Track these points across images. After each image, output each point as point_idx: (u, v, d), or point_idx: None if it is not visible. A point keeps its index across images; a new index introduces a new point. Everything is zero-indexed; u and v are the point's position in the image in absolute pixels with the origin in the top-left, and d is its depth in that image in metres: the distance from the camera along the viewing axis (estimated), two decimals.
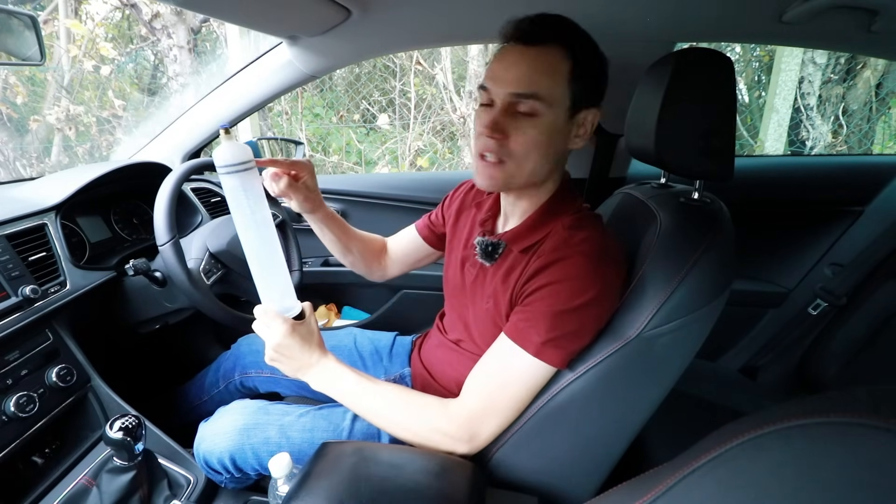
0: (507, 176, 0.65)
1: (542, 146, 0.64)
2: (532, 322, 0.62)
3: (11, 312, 0.79)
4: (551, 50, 0.61)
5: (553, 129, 0.63)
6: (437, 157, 3.28)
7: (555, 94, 0.62)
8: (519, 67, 0.62)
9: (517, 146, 0.63)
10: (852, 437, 0.26)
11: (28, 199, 0.97)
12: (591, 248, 0.63)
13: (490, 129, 0.63)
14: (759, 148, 3.10)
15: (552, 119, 0.63)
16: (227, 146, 0.58)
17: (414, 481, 0.60)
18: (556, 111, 0.63)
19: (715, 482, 0.31)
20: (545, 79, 0.61)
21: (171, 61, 2.97)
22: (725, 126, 0.67)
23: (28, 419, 0.76)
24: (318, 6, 0.88)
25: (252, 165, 0.60)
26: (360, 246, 0.97)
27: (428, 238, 0.97)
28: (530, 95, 0.61)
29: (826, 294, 1.36)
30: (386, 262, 1.02)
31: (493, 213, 0.79)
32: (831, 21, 0.96)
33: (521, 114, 0.62)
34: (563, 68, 0.61)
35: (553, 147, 0.65)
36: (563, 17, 0.63)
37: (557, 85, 0.62)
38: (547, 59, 0.61)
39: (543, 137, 0.63)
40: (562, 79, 0.61)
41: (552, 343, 0.61)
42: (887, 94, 3.09)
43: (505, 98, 0.62)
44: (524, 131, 0.62)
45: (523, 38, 0.62)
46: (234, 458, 0.78)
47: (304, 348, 0.68)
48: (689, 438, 0.37)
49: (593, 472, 0.72)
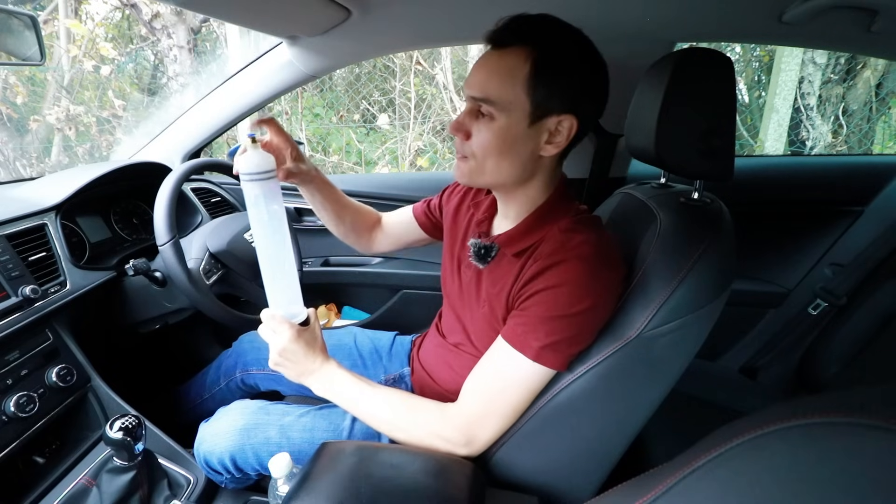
0: (470, 171, 0.67)
1: (498, 149, 0.63)
2: (530, 327, 0.62)
3: (11, 312, 0.79)
4: (513, 53, 0.60)
5: (508, 134, 0.62)
6: (437, 157, 3.28)
7: (508, 98, 0.61)
8: (479, 72, 0.63)
9: (475, 146, 0.65)
10: (852, 437, 0.26)
11: (28, 199, 0.97)
12: (589, 252, 0.62)
13: (452, 126, 0.66)
14: (759, 148, 3.10)
15: (507, 123, 0.62)
16: (254, 155, 0.61)
17: (414, 481, 0.60)
18: (513, 116, 0.62)
19: (715, 482, 0.31)
20: (498, 83, 0.61)
21: (171, 61, 2.97)
22: (725, 126, 0.67)
23: (28, 419, 0.76)
24: (318, 6, 0.88)
25: (274, 174, 0.63)
26: (353, 216, 0.97)
27: (423, 224, 0.97)
28: (483, 99, 0.62)
29: (826, 294, 1.36)
30: (377, 236, 1.03)
31: (489, 214, 0.78)
32: (831, 21, 0.95)
33: (483, 116, 0.63)
34: (521, 72, 0.60)
35: (514, 151, 0.64)
36: (544, 18, 0.62)
37: (511, 88, 0.60)
38: (506, 62, 0.61)
39: (497, 141, 0.63)
40: (518, 82, 0.60)
41: (551, 347, 0.61)
42: (887, 94, 3.09)
43: (468, 100, 0.65)
44: (480, 133, 0.64)
45: (492, 41, 0.63)
46: (235, 458, 0.78)
47: (308, 354, 0.69)
48: (689, 438, 0.37)
49: (593, 472, 0.72)
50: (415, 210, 0.99)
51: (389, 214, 1.03)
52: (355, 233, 0.98)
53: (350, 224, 0.96)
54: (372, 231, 1.02)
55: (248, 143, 0.62)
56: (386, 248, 1.04)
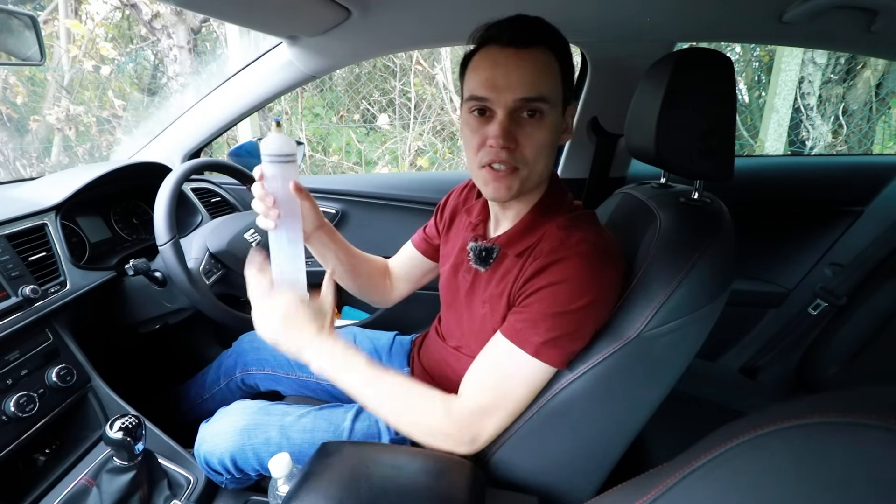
0: (521, 183, 0.65)
1: (550, 146, 0.65)
2: (530, 323, 0.62)
3: (11, 312, 0.79)
4: (541, 51, 0.62)
5: (556, 128, 0.65)
6: (437, 157, 3.28)
7: (556, 93, 0.63)
8: (521, 72, 0.61)
9: (529, 151, 0.63)
10: (852, 437, 0.26)
11: (28, 199, 0.97)
12: (589, 249, 0.62)
13: (502, 138, 0.61)
14: (759, 148, 3.10)
15: (555, 118, 0.64)
16: (277, 138, 0.63)
17: (414, 481, 0.60)
18: (557, 110, 0.64)
19: (715, 482, 0.31)
20: (548, 79, 0.62)
21: (171, 61, 2.97)
22: (725, 126, 0.67)
23: (28, 419, 0.76)
24: (318, 6, 0.88)
25: (294, 159, 0.65)
26: (367, 266, 0.93)
27: (426, 252, 0.94)
28: (538, 98, 0.61)
29: (826, 294, 1.36)
30: (391, 282, 0.99)
31: (483, 218, 0.78)
32: (831, 21, 0.96)
33: (526, 118, 0.62)
34: (556, 68, 0.63)
35: (555, 146, 0.67)
36: (540, 18, 0.64)
37: (556, 83, 0.63)
38: (544, 60, 0.62)
39: (551, 138, 0.64)
40: (557, 77, 0.63)
41: (551, 343, 0.61)
42: (887, 94, 3.09)
43: (510, 104, 0.61)
44: (533, 135, 0.62)
45: (515, 42, 0.61)
46: (235, 458, 0.78)
47: (313, 323, 0.65)
48: (689, 438, 0.37)
49: (593, 472, 0.72)
50: (414, 242, 0.96)
51: (394, 258, 1.00)
52: (371, 282, 0.94)
53: (367, 275, 0.92)
54: (385, 278, 0.98)
55: (273, 126, 0.65)
56: (404, 292, 0.99)
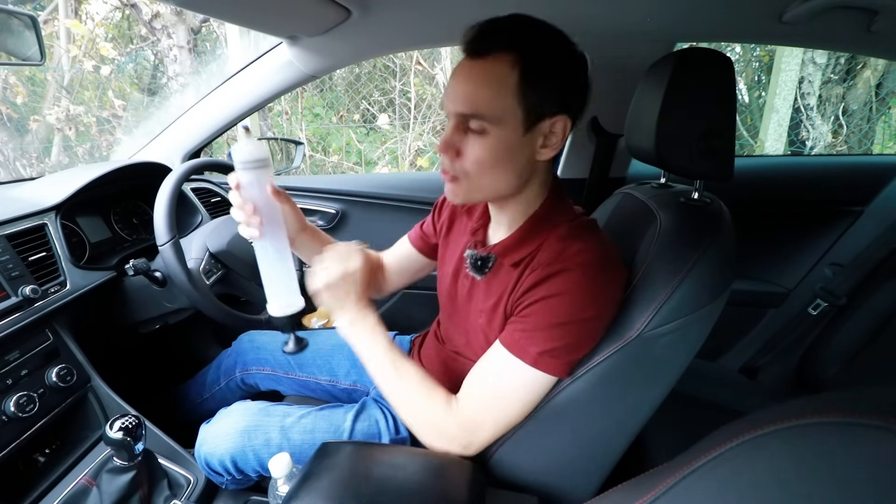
0: (465, 191, 0.64)
1: (495, 164, 0.61)
2: (529, 333, 0.61)
3: (11, 312, 0.79)
4: (497, 60, 0.57)
5: (505, 147, 0.60)
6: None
7: (501, 110, 0.58)
8: (464, 85, 0.59)
9: (469, 165, 0.61)
10: (852, 436, 0.26)
11: (28, 199, 0.97)
12: (589, 260, 0.61)
13: (441, 145, 0.62)
14: (759, 148, 3.10)
15: (503, 136, 0.59)
16: (246, 144, 0.62)
17: (414, 481, 0.60)
18: (508, 127, 0.59)
19: (715, 482, 0.31)
20: (487, 95, 0.58)
21: (171, 61, 2.97)
22: (725, 126, 0.67)
23: (28, 419, 0.76)
24: (318, 6, 0.88)
25: (267, 164, 0.64)
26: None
27: (422, 249, 0.94)
28: (473, 115, 0.58)
29: (826, 294, 1.36)
30: (385, 275, 0.99)
31: (483, 222, 0.76)
32: (831, 21, 0.95)
33: (473, 131, 0.60)
34: (511, 80, 0.57)
35: (512, 163, 0.62)
36: (518, 17, 0.59)
37: (503, 99, 0.57)
38: (492, 72, 0.57)
39: (495, 156, 0.60)
40: (508, 92, 0.57)
41: (549, 353, 0.61)
42: (887, 94, 3.09)
43: (454, 116, 0.60)
44: (473, 151, 0.60)
45: (470, 51, 0.59)
46: (236, 459, 0.78)
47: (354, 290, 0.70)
48: (689, 438, 0.37)
49: (593, 472, 0.72)
50: (410, 238, 0.95)
51: (388, 252, 0.99)
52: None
53: None
54: (378, 272, 0.98)
55: (241, 132, 0.64)
56: (397, 285, 0.99)
